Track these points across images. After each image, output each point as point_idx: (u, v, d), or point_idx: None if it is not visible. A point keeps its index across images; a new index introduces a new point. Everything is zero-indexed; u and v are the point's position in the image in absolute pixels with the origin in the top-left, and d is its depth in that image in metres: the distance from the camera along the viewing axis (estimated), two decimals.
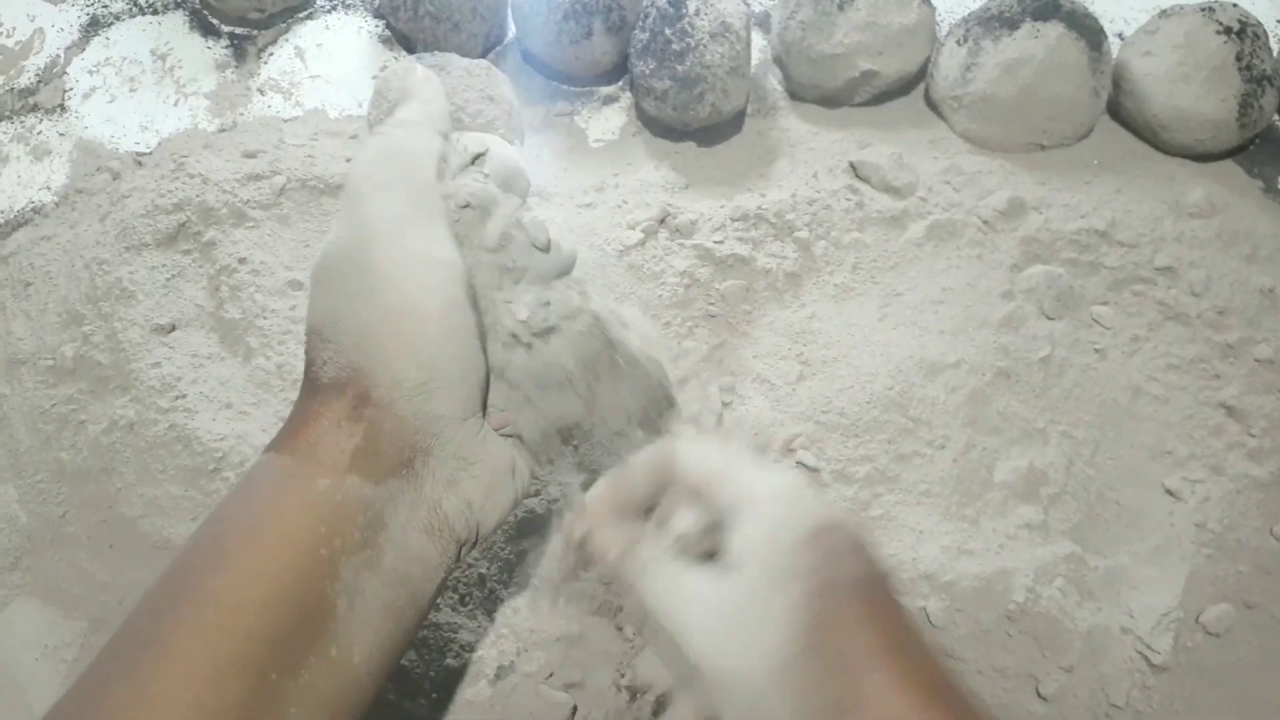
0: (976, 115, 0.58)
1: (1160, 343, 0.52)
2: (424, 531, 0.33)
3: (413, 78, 0.37)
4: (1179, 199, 0.56)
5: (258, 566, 0.30)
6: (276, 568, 0.30)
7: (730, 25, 0.56)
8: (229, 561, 0.30)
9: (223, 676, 0.28)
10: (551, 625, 0.46)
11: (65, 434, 0.50)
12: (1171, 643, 0.46)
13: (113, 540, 0.48)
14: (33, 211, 0.59)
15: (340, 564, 0.30)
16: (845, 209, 0.55)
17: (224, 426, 0.49)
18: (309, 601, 0.30)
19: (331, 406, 0.32)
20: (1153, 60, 0.58)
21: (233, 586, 0.29)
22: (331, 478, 0.31)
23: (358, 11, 0.66)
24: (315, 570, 0.30)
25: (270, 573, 0.30)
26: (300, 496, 0.31)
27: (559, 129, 0.61)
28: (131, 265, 0.53)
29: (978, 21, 0.58)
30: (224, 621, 0.29)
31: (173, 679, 0.28)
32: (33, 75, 0.64)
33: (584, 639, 0.46)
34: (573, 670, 0.45)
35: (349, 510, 0.31)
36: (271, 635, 0.29)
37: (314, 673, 0.29)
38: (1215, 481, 0.49)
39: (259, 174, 0.55)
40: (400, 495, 0.32)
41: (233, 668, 0.28)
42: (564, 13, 0.58)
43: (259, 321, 0.51)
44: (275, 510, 0.31)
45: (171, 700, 0.27)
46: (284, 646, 0.29)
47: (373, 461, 0.32)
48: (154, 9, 0.66)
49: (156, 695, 0.27)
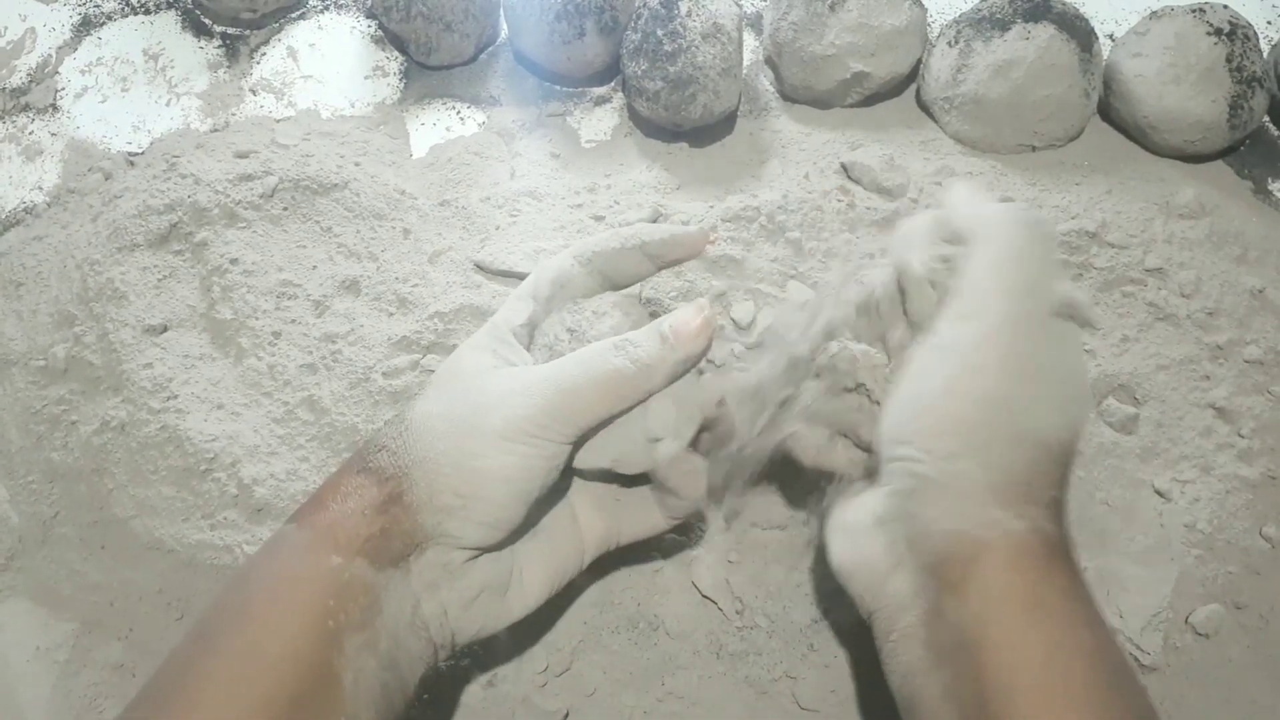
0: (967, 116, 0.58)
1: (1150, 343, 0.52)
2: (408, 625, 0.35)
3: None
4: (1169, 200, 0.56)
5: (280, 625, 0.32)
6: (297, 629, 0.32)
7: (722, 26, 0.56)
8: (253, 620, 0.32)
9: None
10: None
11: (57, 434, 0.50)
12: (1161, 643, 0.46)
13: (104, 541, 0.48)
14: (24, 211, 0.59)
15: (344, 638, 0.32)
16: (837, 210, 0.55)
17: (215, 427, 0.49)
18: (321, 665, 0.32)
19: (366, 494, 0.35)
20: (1143, 61, 0.58)
21: (259, 642, 0.31)
22: (344, 557, 0.33)
23: (350, 12, 0.66)
24: (326, 639, 0.32)
25: (291, 633, 0.32)
26: (314, 569, 0.33)
27: (551, 129, 0.61)
28: (123, 266, 0.52)
29: (969, 23, 0.58)
30: (250, 677, 0.31)
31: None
32: (24, 75, 0.64)
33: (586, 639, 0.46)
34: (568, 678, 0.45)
35: (352, 589, 0.33)
36: (291, 693, 0.31)
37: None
38: (1205, 482, 0.49)
39: (251, 174, 0.55)
40: (392, 585, 0.34)
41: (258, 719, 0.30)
42: (556, 13, 0.58)
43: (251, 322, 0.51)
44: (293, 578, 0.33)
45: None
46: (301, 707, 0.31)
47: (381, 550, 0.34)
48: (146, 9, 0.66)
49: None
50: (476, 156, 0.59)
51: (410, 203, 0.56)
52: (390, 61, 0.64)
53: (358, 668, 0.32)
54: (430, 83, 0.64)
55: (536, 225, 0.54)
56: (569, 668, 0.45)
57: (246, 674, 0.31)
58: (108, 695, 0.46)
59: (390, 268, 0.53)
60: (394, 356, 0.50)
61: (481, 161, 0.59)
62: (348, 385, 0.49)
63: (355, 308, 0.52)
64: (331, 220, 0.54)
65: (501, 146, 0.60)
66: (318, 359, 0.50)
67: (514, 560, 0.38)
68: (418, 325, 0.51)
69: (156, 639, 0.47)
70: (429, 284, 0.52)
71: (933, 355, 0.34)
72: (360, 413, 0.49)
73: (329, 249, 0.54)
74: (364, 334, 0.51)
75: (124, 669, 0.47)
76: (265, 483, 0.47)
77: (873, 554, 0.34)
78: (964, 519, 0.32)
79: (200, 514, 0.48)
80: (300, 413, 0.49)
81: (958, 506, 0.32)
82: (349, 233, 0.54)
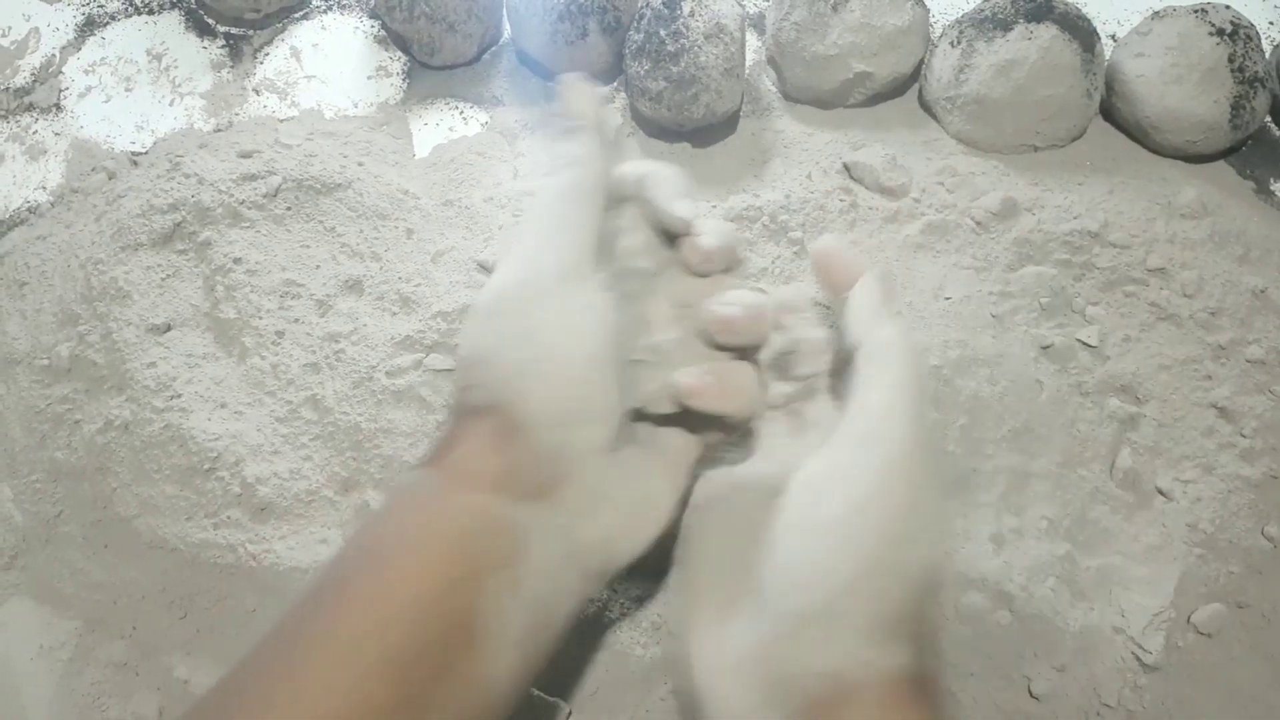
0: (970, 116, 0.58)
1: (1152, 343, 0.52)
2: (561, 559, 0.33)
3: (574, 96, 0.40)
4: (1171, 200, 0.56)
5: (415, 572, 0.31)
6: (433, 575, 0.31)
7: (725, 26, 0.56)
8: (387, 565, 0.31)
9: (380, 678, 0.29)
10: None
11: (60, 433, 0.50)
12: (1163, 642, 0.46)
13: (108, 540, 0.48)
14: (28, 211, 0.59)
15: (486, 581, 0.31)
16: (839, 210, 0.55)
17: (219, 426, 0.49)
18: (458, 612, 0.31)
19: (478, 430, 0.34)
20: (1145, 62, 0.58)
21: (393, 589, 0.30)
22: (481, 495, 0.32)
23: (353, 12, 0.66)
24: (465, 583, 0.31)
25: (427, 579, 0.31)
26: (452, 511, 0.32)
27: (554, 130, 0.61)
28: (127, 265, 0.53)
29: (971, 23, 0.58)
30: (384, 624, 0.30)
31: (328, 671, 0.29)
32: (28, 75, 0.64)
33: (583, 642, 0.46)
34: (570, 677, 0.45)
35: (494, 529, 0.32)
36: (426, 641, 0.30)
37: (460, 684, 0.30)
38: (1207, 482, 0.50)
39: (255, 174, 0.55)
40: (538, 520, 0.33)
41: (389, 669, 0.29)
42: (559, 13, 0.58)
43: (254, 321, 0.51)
44: (426, 521, 0.32)
45: (325, 689, 0.28)
46: (436, 654, 0.30)
47: (515, 485, 0.33)
48: (150, 9, 0.66)
49: (311, 683, 0.28)
50: (479, 156, 0.59)
51: (413, 203, 0.56)
52: (393, 62, 0.65)
53: (500, 609, 0.31)
54: (433, 83, 0.64)
55: None
56: (571, 667, 0.45)
57: (381, 619, 0.30)
58: (111, 694, 0.46)
59: (393, 267, 0.53)
60: (397, 356, 0.50)
61: (484, 161, 0.59)
62: (351, 384, 0.49)
63: (358, 307, 0.52)
64: (335, 220, 0.54)
65: (504, 146, 0.60)
66: (321, 358, 0.50)
67: (637, 472, 0.37)
68: (421, 325, 0.51)
69: (160, 638, 0.47)
70: (432, 284, 0.52)
71: (833, 477, 0.32)
72: (363, 412, 0.49)
73: (332, 249, 0.54)
74: (367, 333, 0.51)
75: (127, 668, 0.47)
76: (268, 482, 0.48)
77: (730, 695, 0.32)
78: (842, 659, 0.30)
79: (203, 513, 0.48)
80: (304, 412, 0.49)
81: (838, 646, 0.30)
82: (352, 232, 0.54)
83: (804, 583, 0.31)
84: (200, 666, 0.46)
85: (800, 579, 0.31)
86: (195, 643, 0.47)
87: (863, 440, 0.32)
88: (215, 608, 0.47)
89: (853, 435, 0.33)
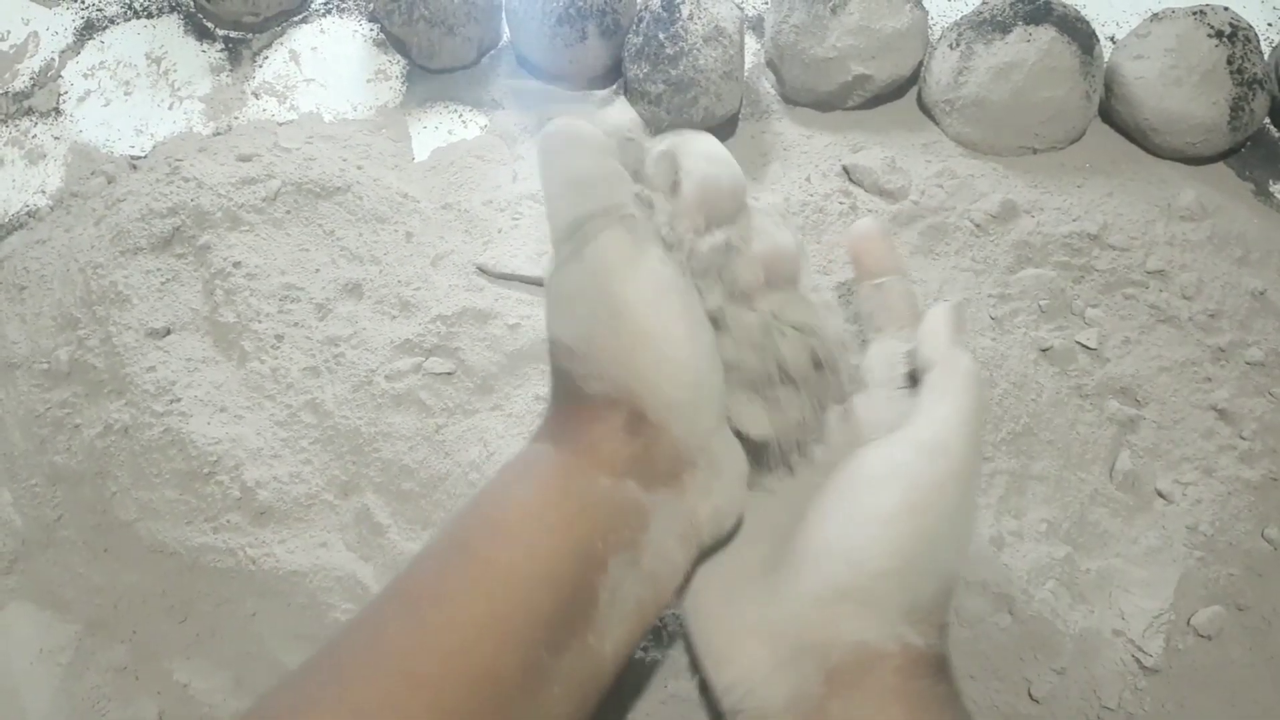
0: (969, 119, 0.58)
1: (1151, 345, 0.52)
2: (679, 537, 0.34)
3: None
4: (1170, 202, 0.56)
5: (541, 545, 0.31)
6: (559, 549, 0.31)
7: (723, 29, 0.56)
8: (512, 536, 0.32)
9: (505, 645, 0.29)
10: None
11: (60, 438, 0.50)
12: (1163, 645, 0.46)
13: (107, 544, 0.48)
14: (27, 215, 0.59)
15: (610, 559, 0.32)
16: (838, 212, 0.55)
17: (218, 430, 0.49)
18: (580, 587, 0.31)
19: (608, 418, 0.34)
20: (1144, 64, 0.58)
21: (517, 560, 0.31)
22: (612, 479, 0.33)
23: (352, 15, 0.66)
24: (589, 560, 0.31)
25: (552, 553, 0.31)
26: (582, 489, 0.33)
27: None
28: (126, 269, 0.53)
29: (970, 25, 0.58)
30: (509, 592, 0.30)
31: (458, 638, 0.29)
32: (27, 79, 0.64)
33: None
34: None
35: (624, 511, 0.33)
36: (548, 613, 0.30)
37: (575, 656, 0.31)
38: (1206, 484, 0.50)
39: (254, 178, 0.55)
40: (665, 504, 0.34)
41: (514, 638, 0.29)
42: (558, 17, 0.58)
43: (254, 325, 0.51)
44: (558, 497, 0.33)
45: (457, 656, 0.29)
46: (556, 627, 0.30)
47: (647, 471, 0.34)
48: (149, 13, 0.66)
49: (443, 649, 0.29)
50: (478, 160, 0.59)
51: (412, 206, 0.56)
52: (392, 65, 0.65)
53: (617, 586, 0.32)
54: (432, 86, 0.64)
55: (539, 228, 0.55)
56: None
57: (507, 589, 0.30)
58: (111, 698, 0.46)
59: (392, 271, 0.53)
60: (396, 359, 0.50)
61: (484, 165, 0.59)
62: (350, 388, 0.49)
63: (358, 311, 0.52)
64: (334, 223, 0.54)
65: (503, 150, 0.60)
66: (320, 362, 0.50)
67: (732, 442, 0.37)
68: (420, 328, 0.51)
69: (160, 642, 0.47)
70: (431, 287, 0.52)
71: (894, 475, 0.34)
72: (363, 415, 0.49)
73: (331, 252, 0.54)
74: (366, 337, 0.51)
75: (127, 671, 0.47)
76: (268, 485, 0.48)
77: (754, 654, 0.34)
78: (872, 630, 0.33)
79: (203, 517, 0.48)
80: (303, 416, 0.49)
81: (871, 621, 0.33)
82: (351, 236, 0.54)
83: (850, 562, 0.33)
84: (200, 670, 0.46)
85: (847, 557, 0.33)
86: (195, 647, 0.47)
87: (929, 448, 0.34)
88: (215, 612, 0.47)
89: (918, 441, 0.35)
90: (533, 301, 0.53)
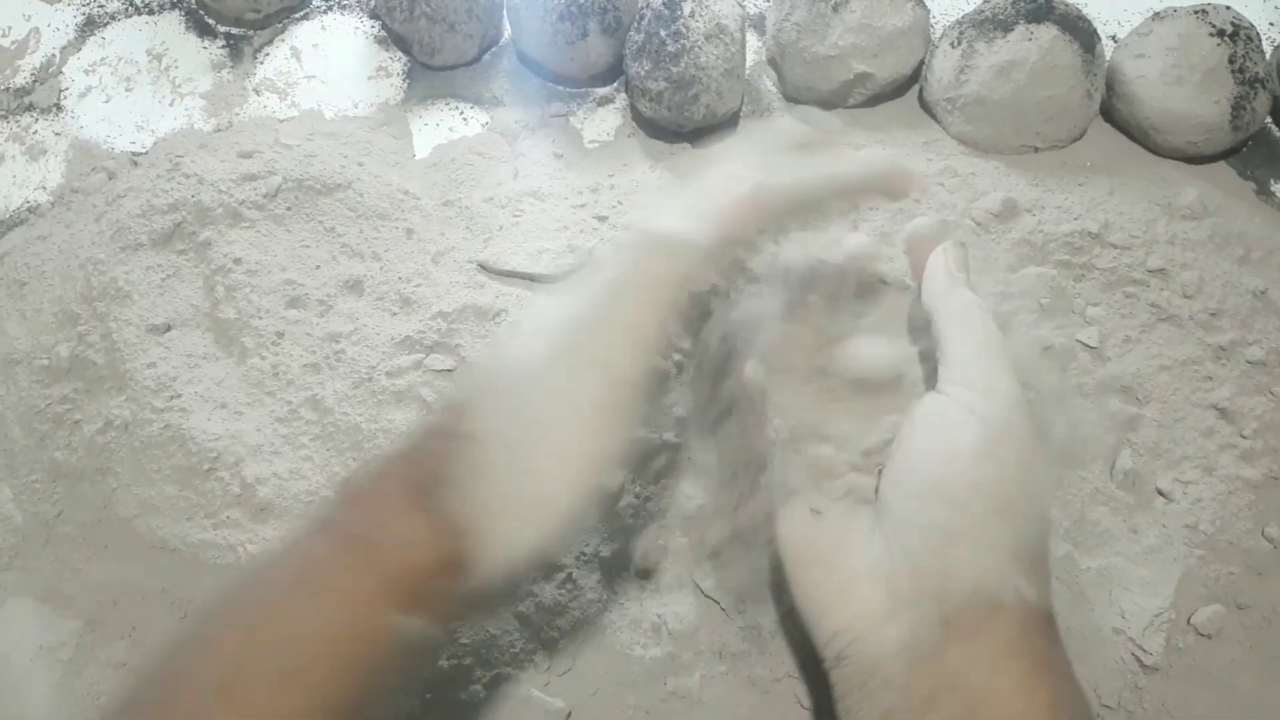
0: (970, 117, 0.58)
1: (1152, 344, 0.52)
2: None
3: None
4: (1172, 201, 0.56)
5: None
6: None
7: (725, 27, 0.56)
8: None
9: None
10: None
11: (60, 434, 0.50)
12: (1163, 644, 0.46)
13: (107, 540, 0.48)
14: (28, 211, 0.59)
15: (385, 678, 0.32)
16: (839, 211, 0.55)
17: (219, 426, 0.49)
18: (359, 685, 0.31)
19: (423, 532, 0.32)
20: (1146, 63, 0.58)
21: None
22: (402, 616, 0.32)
23: (353, 12, 0.66)
24: (365, 680, 0.31)
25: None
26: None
27: (554, 130, 0.61)
28: (127, 265, 0.53)
29: (971, 24, 0.58)
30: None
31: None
32: (28, 75, 0.64)
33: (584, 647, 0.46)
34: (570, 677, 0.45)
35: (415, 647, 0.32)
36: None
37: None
38: (1207, 483, 0.49)
39: (255, 174, 0.55)
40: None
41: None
42: (559, 14, 0.58)
43: (254, 322, 0.51)
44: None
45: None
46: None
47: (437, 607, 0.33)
48: (150, 9, 0.66)
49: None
50: (479, 157, 0.59)
51: (413, 203, 0.56)
52: (393, 62, 0.65)
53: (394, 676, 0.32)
54: (433, 83, 0.64)
55: (539, 225, 0.55)
56: (571, 667, 0.45)
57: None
58: (111, 694, 0.46)
59: (393, 268, 0.53)
60: (397, 356, 0.50)
61: (484, 162, 0.59)
62: (351, 385, 0.49)
63: (358, 307, 0.52)
64: (335, 220, 0.54)
65: (504, 147, 0.60)
66: (321, 359, 0.50)
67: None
68: (421, 325, 0.51)
69: (160, 638, 0.47)
70: (432, 284, 0.52)
71: (958, 415, 0.34)
72: (363, 412, 0.49)
73: (332, 249, 0.54)
74: (367, 334, 0.51)
75: (127, 668, 0.47)
76: (268, 482, 0.48)
77: (865, 600, 0.34)
78: (988, 575, 0.32)
79: (203, 513, 0.48)
80: (303, 412, 0.49)
81: (985, 561, 0.33)
82: (352, 233, 0.54)
83: (949, 499, 0.33)
84: None
85: (945, 495, 0.33)
86: None
87: (978, 388, 0.35)
88: None
89: (959, 379, 0.35)
90: (533, 299, 0.53)
